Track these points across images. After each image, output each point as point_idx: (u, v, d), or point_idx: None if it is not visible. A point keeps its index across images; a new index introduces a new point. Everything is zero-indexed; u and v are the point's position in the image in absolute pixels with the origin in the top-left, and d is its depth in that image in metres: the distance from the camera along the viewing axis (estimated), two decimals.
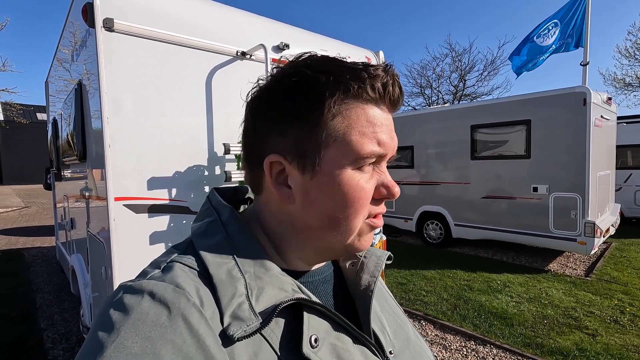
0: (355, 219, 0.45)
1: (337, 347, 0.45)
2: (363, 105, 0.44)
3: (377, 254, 0.59)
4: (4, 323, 3.76)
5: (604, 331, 3.35)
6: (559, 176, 5.06)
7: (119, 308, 0.36)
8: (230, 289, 0.41)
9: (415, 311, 3.89)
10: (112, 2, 1.90)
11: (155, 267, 0.43)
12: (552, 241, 5.19)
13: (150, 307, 0.36)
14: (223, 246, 0.45)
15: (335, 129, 0.43)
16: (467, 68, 18.39)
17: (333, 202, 0.44)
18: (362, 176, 0.45)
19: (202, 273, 0.42)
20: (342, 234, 0.46)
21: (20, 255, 6.56)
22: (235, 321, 0.39)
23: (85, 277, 2.78)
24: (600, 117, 5.13)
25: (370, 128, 0.44)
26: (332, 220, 0.45)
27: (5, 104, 17.75)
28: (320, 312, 0.45)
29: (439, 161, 6.45)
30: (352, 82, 0.43)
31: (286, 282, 0.45)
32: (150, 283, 0.38)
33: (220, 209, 0.50)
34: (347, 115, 0.43)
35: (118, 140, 1.95)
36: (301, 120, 0.44)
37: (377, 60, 3.53)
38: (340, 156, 0.43)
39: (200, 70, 2.28)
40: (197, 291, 0.39)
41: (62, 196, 4.03)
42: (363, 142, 0.43)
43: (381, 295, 0.62)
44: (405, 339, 0.58)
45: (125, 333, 0.34)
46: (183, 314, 0.36)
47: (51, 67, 4.01)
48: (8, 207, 13.07)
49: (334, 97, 0.43)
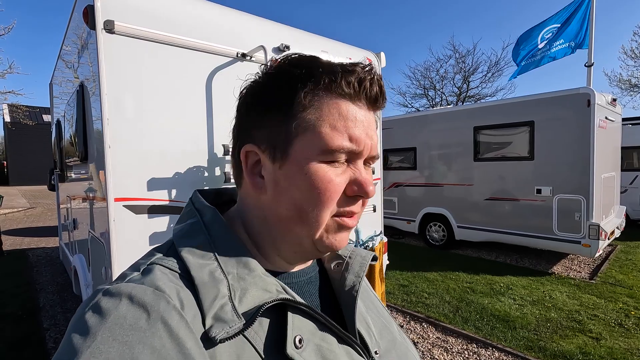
0: (322, 211, 0.45)
1: (322, 347, 0.44)
2: (337, 99, 0.44)
3: (361, 255, 0.59)
4: (8, 322, 3.79)
5: (608, 335, 3.31)
6: (563, 178, 5.02)
7: (96, 311, 0.35)
8: (213, 290, 0.40)
9: (417, 313, 3.87)
10: (113, 4, 1.91)
11: (134, 270, 0.42)
12: (556, 243, 5.14)
13: (129, 310, 0.35)
14: (205, 247, 0.45)
15: (306, 120, 0.44)
16: (471, 69, 18.37)
17: (300, 192, 0.44)
18: (332, 170, 0.44)
19: (183, 275, 0.42)
20: (308, 226, 0.45)
21: (25, 255, 6.62)
22: (217, 323, 0.38)
23: (87, 277, 2.80)
24: (604, 119, 5.09)
25: (342, 122, 0.44)
26: (299, 211, 0.45)
27: (11, 106, 17.96)
28: (304, 313, 0.45)
29: (442, 162, 6.42)
30: (324, 75, 0.44)
31: (270, 283, 0.45)
32: (129, 286, 0.38)
33: (203, 210, 0.50)
34: (318, 107, 0.44)
35: (118, 141, 1.95)
36: (275, 111, 0.45)
37: (378, 61, 3.53)
38: (309, 147, 0.44)
39: (200, 72, 2.29)
40: (178, 293, 0.39)
41: (65, 197, 4.06)
42: (333, 135, 0.43)
43: (366, 295, 0.62)
44: (391, 339, 0.58)
45: (102, 337, 0.33)
46: (162, 316, 0.36)
47: (55, 68, 4.04)
48: (14, 208, 13.20)
49: (305, 89, 0.44)
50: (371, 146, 0.47)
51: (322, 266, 0.59)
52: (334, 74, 0.44)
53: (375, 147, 0.48)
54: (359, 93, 0.45)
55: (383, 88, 0.47)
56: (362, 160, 0.47)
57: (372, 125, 0.47)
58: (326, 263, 0.59)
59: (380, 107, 0.48)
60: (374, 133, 0.47)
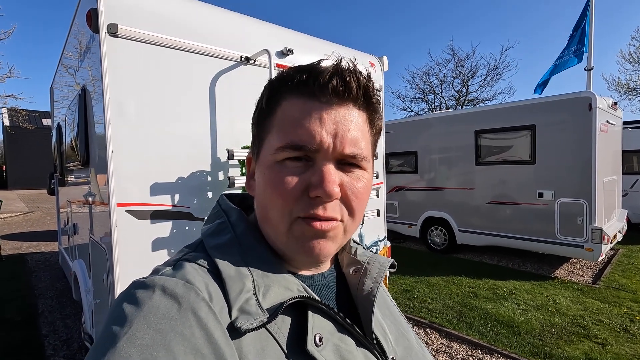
0: (278, 211, 0.45)
1: (341, 348, 0.45)
2: (302, 99, 0.45)
3: (380, 261, 0.59)
4: (6, 328, 3.74)
5: (613, 340, 3.28)
6: (564, 182, 5.01)
7: (131, 302, 0.37)
8: (239, 284, 0.42)
9: (420, 319, 3.83)
10: (116, 7, 1.90)
11: (167, 265, 0.45)
12: (559, 247, 5.12)
13: (161, 300, 0.37)
14: (232, 245, 0.47)
15: (272, 121, 0.47)
16: (470, 73, 18.41)
17: (262, 192, 0.47)
18: (286, 169, 0.44)
19: (211, 270, 0.44)
20: (273, 227, 0.47)
21: (23, 260, 6.56)
22: (242, 315, 0.40)
23: (87, 283, 2.76)
24: (605, 122, 5.09)
25: (293, 121, 0.44)
26: (264, 209, 0.47)
27: (11, 110, 17.94)
28: (324, 313, 0.46)
29: (443, 167, 6.41)
30: (293, 76, 0.45)
31: (292, 282, 0.47)
32: (162, 279, 0.40)
33: (229, 211, 0.53)
34: (284, 108, 0.46)
35: (121, 146, 1.93)
36: (258, 117, 0.50)
37: (381, 65, 3.52)
38: (268, 148, 0.47)
39: (203, 76, 2.28)
40: (207, 286, 0.41)
41: (65, 201, 4.03)
42: (281, 134, 0.45)
43: (383, 302, 0.63)
44: (408, 347, 0.58)
45: (137, 325, 0.35)
46: (192, 307, 0.37)
47: (56, 73, 4.03)
48: (12, 212, 13.11)
49: (268, 95, 0.48)
50: (336, 143, 0.44)
51: (341, 271, 0.60)
52: (290, 75, 0.46)
53: (347, 144, 0.44)
54: (317, 88, 0.44)
55: (351, 80, 0.44)
56: (324, 158, 0.44)
57: (342, 121, 0.44)
58: (344, 268, 0.60)
59: (354, 100, 0.45)
60: (345, 130, 0.44)
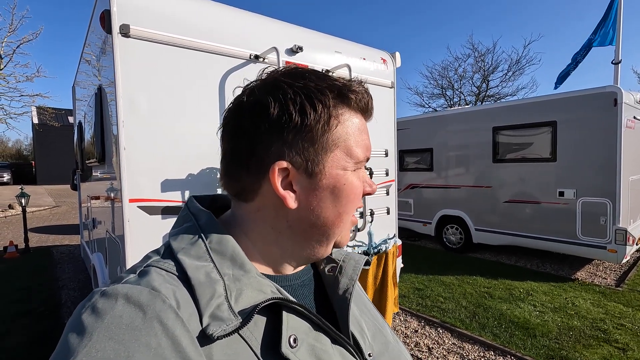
0: (352, 213, 0.52)
1: (316, 347, 0.46)
2: (355, 114, 0.50)
3: (355, 259, 0.60)
4: (31, 318, 3.93)
5: (635, 346, 3.15)
6: (587, 180, 4.83)
7: (92, 312, 0.36)
8: (209, 290, 0.41)
9: (433, 318, 3.79)
10: (128, 8, 1.95)
11: (131, 272, 0.43)
12: (580, 248, 4.95)
13: (124, 310, 0.36)
14: (200, 249, 0.46)
15: (336, 135, 0.48)
16: (491, 68, 17.95)
17: (339, 200, 0.49)
18: (355, 176, 0.51)
19: (180, 276, 0.42)
20: (340, 229, 0.51)
21: (49, 252, 6.87)
22: (214, 321, 0.39)
23: (105, 276, 2.86)
24: (632, 118, 4.87)
25: (362, 135, 0.51)
26: (338, 216, 0.50)
27: (39, 108, 18.67)
28: (299, 313, 0.46)
29: (460, 164, 6.28)
30: (350, 94, 0.49)
31: (265, 284, 0.46)
32: (125, 287, 0.38)
33: (199, 214, 0.51)
34: (344, 124, 0.49)
35: (133, 143, 1.99)
36: (306, 127, 0.46)
37: (393, 61, 3.47)
38: (343, 160, 0.49)
39: (213, 74, 2.30)
40: (174, 293, 0.39)
41: (86, 197, 4.18)
42: (359, 147, 0.50)
43: (360, 299, 0.64)
44: (384, 342, 0.59)
45: (98, 337, 0.33)
46: (159, 315, 0.36)
47: (77, 72, 4.17)
48: (40, 206, 13.72)
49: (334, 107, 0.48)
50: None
51: (316, 270, 0.60)
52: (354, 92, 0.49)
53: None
54: (364, 106, 0.51)
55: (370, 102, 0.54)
56: None
57: None
58: (320, 267, 0.60)
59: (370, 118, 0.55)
60: None
